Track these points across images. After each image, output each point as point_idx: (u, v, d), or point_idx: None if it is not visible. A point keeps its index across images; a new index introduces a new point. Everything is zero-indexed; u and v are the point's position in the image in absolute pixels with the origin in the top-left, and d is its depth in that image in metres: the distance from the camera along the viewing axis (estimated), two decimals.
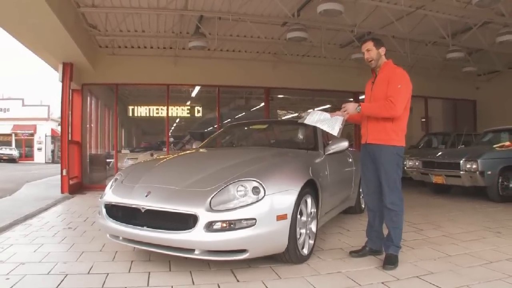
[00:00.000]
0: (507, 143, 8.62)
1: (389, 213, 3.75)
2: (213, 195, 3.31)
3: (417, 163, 9.18)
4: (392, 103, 3.58)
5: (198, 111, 13.44)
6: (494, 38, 9.53)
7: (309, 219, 3.90)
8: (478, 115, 15.21)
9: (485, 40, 10.22)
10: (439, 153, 9.05)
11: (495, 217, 6.22)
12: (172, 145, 13.62)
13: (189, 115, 13.09)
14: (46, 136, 40.39)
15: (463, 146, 10.27)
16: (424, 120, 14.90)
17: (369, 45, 3.83)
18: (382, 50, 3.84)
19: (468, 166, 7.81)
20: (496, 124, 10.78)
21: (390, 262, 3.61)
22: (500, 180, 7.81)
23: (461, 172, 7.90)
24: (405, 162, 9.66)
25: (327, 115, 3.93)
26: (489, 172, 7.68)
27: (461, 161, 7.93)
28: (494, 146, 8.66)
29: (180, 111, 12.87)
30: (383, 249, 3.83)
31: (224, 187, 3.37)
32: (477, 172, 7.68)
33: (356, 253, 3.97)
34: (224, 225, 3.18)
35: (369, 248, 4.00)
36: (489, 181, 7.73)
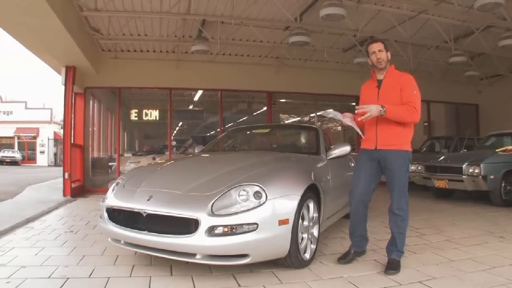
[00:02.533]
0: (510, 147, 8.61)
1: (394, 218, 3.72)
2: (214, 199, 3.30)
3: (419, 168, 9.16)
4: (415, 109, 3.61)
5: (201, 115, 13.47)
6: (496, 42, 9.55)
7: (311, 223, 3.89)
8: (480, 119, 15.19)
9: (487, 44, 10.23)
10: (442, 157, 9.04)
11: (498, 222, 6.20)
12: (174, 149, 13.63)
13: (191, 119, 13.10)
14: (48, 139, 40.49)
15: (466, 150, 10.26)
16: (426, 124, 14.86)
17: (381, 45, 3.78)
18: (389, 54, 3.81)
19: (471, 170, 7.79)
20: (498, 128, 10.75)
21: (393, 267, 3.59)
22: (503, 185, 7.79)
23: (464, 177, 7.88)
24: None
25: (340, 116, 3.83)
26: (492, 177, 7.66)
27: (464, 165, 7.91)
28: (497, 150, 8.66)
29: (182, 115, 12.87)
30: (388, 255, 3.78)
31: (226, 191, 3.36)
32: (480, 177, 7.66)
33: (344, 260, 3.88)
34: (226, 229, 3.17)
35: (354, 251, 3.96)
36: (492, 185, 7.70)
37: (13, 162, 35.56)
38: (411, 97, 3.64)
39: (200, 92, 13.64)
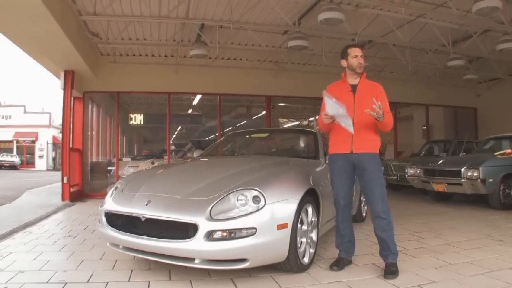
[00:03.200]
0: (508, 151, 8.61)
1: (381, 223, 3.69)
2: (213, 204, 3.30)
3: (418, 171, 9.16)
4: (392, 118, 3.73)
5: (199, 119, 13.50)
6: (494, 46, 9.58)
7: (310, 228, 3.89)
8: (479, 123, 15.20)
9: (485, 48, 10.26)
10: (441, 161, 9.05)
11: (497, 225, 6.20)
12: (173, 153, 13.63)
13: (190, 123, 13.12)
14: (47, 143, 40.45)
15: (465, 153, 10.27)
16: (425, 127, 14.90)
17: (362, 52, 3.88)
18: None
19: (470, 173, 7.80)
20: (497, 131, 10.77)
21: (391, 271, 3.58)
22: (501, 188, 7.80)
23: (463, 180, 7.89)
24: (406, 170, 9.66)
25: (343, 110, 3.63)
26: (491, 180, 7.67)
27: (463, 169, 7.92)
28: (496, 153, 8.65)
29: (181, 119, 12.89)
30: (384, 260, 3.74)
31: (225, 196, 3.36)
32: (479, 180, 7.66)
33: (337, 266, 3.83)
34: (225, 234, 3.17)
35: (345, 258, 3.93)
36: (490, 188, 7.71)
37: (12, 167, 35.50)
38: (387, 107, 3.72)
39: (199, 96, 13.67)
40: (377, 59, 11.81)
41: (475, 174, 7.72)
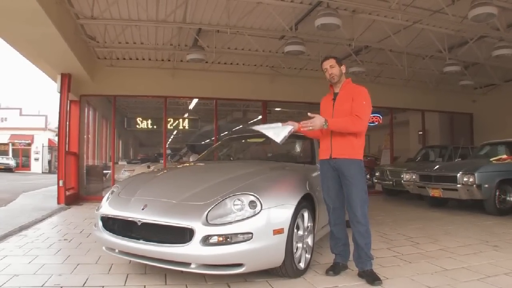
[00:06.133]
0: (504, 156, 8.65)
1: (359, 228, 3.69)
2: (209, 209, 3.30)
3: (414, 177, 9.17)
4: (359, 118, 3.69)
5: (196, 124, 13.49)
6: (490, 52, 9.63)
7: (306, 233, 3.89)
8: (475, 128, 15.23)
9: (481, 54, 10.31)
10: (436, 166, 9.07)
11: (493, 231, 6.21)
12: (169, 157, 13.61)
13: (186, 127, 13.10)
14: (43, 146, 40.27)
15: (460, 159, 10.30)
16: (421, 133, 14.94)
17: (332, 61, 3.92)
18: (343, 68, 3.94)
19: (465, 179, 7.82)
20: (492, 137, 10.82)
21: (376, 277, 3.57)
22: (497, 193, 7.82)
23: (458, 185, 7.91)
24: (402, 176, 9.68)
25: (278, 124, 3.96)
26: (486, 185, 7.69)
27: (458, 174, 7.94)
28: (491, 159, 8.68)
29: (177, 123, 12.88)
30: (361, 268, 3.70)
31: (221, 201, 3.36)
32: (474, 185, 7.69)
33: (333, 272, 3.84)
34: (221, 239, 3.17)
35: (341, 263, 3.94)
36: (486, 194, 7.73)
37: (7, 169, 35.31)
38: (359, 107, 3.74)
39: (195, 101, 13.66)
40: (373, 65, 11.86)
41: (471, 179, 7.75)
